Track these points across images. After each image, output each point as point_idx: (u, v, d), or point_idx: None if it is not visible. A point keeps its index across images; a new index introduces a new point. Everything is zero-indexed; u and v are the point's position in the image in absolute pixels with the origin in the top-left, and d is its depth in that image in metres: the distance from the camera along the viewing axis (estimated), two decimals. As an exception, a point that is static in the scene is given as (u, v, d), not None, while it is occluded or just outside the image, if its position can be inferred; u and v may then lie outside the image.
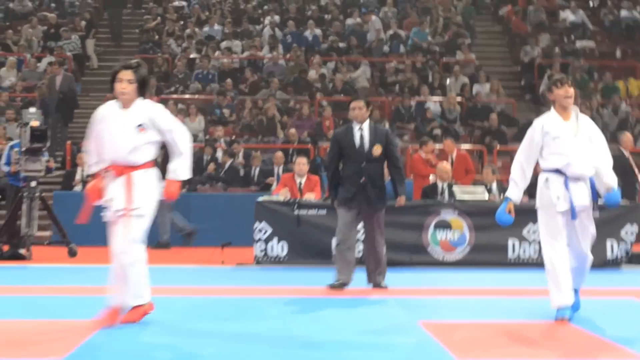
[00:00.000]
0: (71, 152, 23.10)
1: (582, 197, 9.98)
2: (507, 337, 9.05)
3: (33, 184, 16.55)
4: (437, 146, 22.28)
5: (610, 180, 9.94)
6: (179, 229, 19.58)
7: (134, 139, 9.07)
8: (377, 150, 11.95)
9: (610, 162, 10.07)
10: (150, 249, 9.54)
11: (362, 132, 12.08)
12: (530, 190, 10.23)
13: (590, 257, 10.30)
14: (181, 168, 9.50)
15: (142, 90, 9.40)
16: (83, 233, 17.86)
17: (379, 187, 12.12)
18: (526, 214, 13.27)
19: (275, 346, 8.71)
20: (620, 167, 18.21)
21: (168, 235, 19.45)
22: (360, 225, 13.20)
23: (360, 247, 13.85)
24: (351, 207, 12.03)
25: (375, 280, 12.22)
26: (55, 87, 25.06)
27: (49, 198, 18.22)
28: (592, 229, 10.21)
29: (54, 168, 20.17)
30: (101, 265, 15.70)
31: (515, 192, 10.34)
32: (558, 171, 10.04)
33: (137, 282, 9.23)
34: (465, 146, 21.77)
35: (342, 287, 12.08)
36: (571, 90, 10.03)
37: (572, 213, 10.07)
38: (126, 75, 10.12)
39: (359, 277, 14.57)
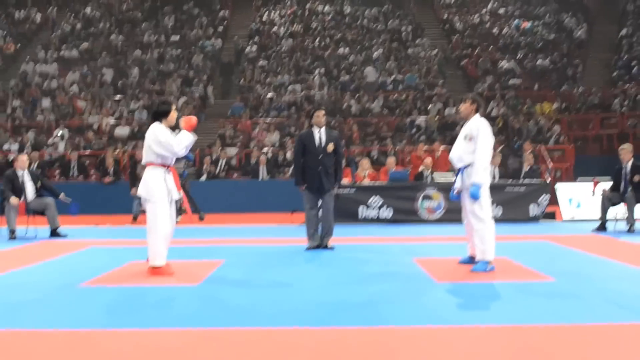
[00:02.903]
0: (200, 156, 23.17)
1: (458, 182, 9.23)
2: (467, 268, 9.01)
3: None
4: (426, 146, 22.26)
5: (473, 178, 8.88)
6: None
7: None
8: (330, 147, 11.51)
9: (479, 159, 8.82)
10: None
11: (320, 134, 11.61)
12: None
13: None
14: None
15: None
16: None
17: (330, 174, 11.60)
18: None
19: (318, 276, 8.83)
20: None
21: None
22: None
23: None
24: (312, 190, 11.55)
25: (323, 242, 11.62)
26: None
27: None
28: (470, 213, 9.14)
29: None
30: (217, 225, 15.85)
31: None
32: None
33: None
34: (441, 147, 21.70)
35: (316, 248, 11.51)
36: (461, 106, 9.41)
37: (451, 194, 9.73)
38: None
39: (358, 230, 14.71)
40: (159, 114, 8.90)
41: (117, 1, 40.27)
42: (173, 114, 8.94)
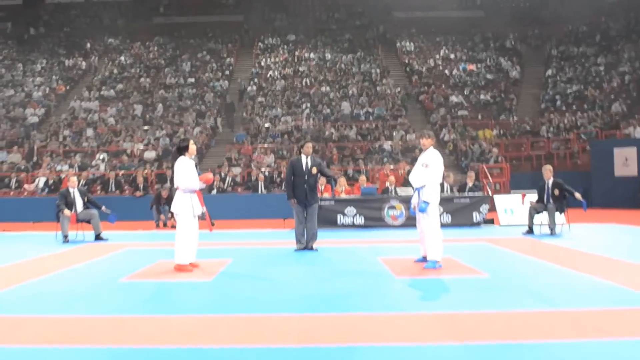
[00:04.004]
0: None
1: (415, 199, 9.39)
2: (421, 265, 9.12)
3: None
4: (391, 166, 22.42)
5: (423, 196, 9.05)
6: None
7: None
8: (314, 170, 11.64)
9: (430, 182, 8.97)
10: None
11: (307, 160, 11.71)
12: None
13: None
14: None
15: None
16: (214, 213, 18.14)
17: (314, 191, 11.74)
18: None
19: (304, 273, 8.96)
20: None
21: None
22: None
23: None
24: (300, 203, 11.61)
25: (309, 245, 11.68)
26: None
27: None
28: (422, 222, 9.30)
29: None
30: (225, 230, 15.93)
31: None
32: None
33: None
34: (404, 167, 21.90)
35: (302, 250, 11.64)
36: (424, 140, 9.39)
37: (410, 209, 9.98)
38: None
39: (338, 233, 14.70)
40: (181, 149, 9.25)
41: (145, 51, 40.55)
42: (192, 147, 9.31)
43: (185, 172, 8.98)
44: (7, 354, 4.96)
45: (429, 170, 9.04)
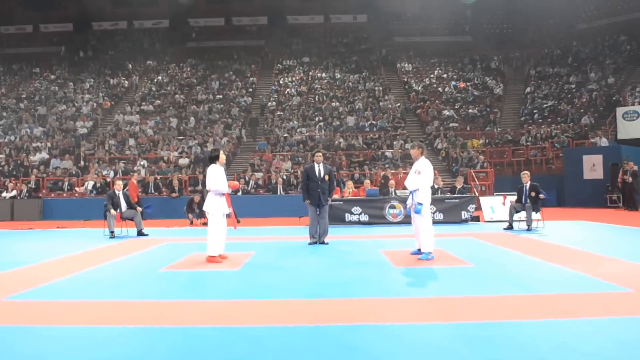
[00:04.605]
0: (237, 178, 23.24)
1: (410, 200, 9.37)
2: (415, 257, 9.13)
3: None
4: (392, 171, 22.43)
5: (417, 198, 9.12)
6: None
7: None
8: (326, 177, 11.71)
9: (422, 187, 9.07)
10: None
11: (319, 167, 11.78)
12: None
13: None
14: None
15: None
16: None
17: (325, 194, 11.70)
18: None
19: (316, 263, 9.02)
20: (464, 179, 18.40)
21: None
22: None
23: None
24: (314, 204, 11.67)
25: (321, 239, 11.65)
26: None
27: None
28: (417, 219, 9.34)
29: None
30: (249, 227, 15.95)
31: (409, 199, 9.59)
32: None
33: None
34: (402, 172, 21.92)
35: (315, 244, 11.60)
36: (412, 151, 9.66)
37: (407, 209, 10.04)
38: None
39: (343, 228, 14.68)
40: (213, 158, 9.37)
41: (179, 71, 40.74)
42: (222, 156, 9.42)
43: (216, 177, 9.09)
44: (64, 333, 5.08)
45: (421, 176, 9.14)
